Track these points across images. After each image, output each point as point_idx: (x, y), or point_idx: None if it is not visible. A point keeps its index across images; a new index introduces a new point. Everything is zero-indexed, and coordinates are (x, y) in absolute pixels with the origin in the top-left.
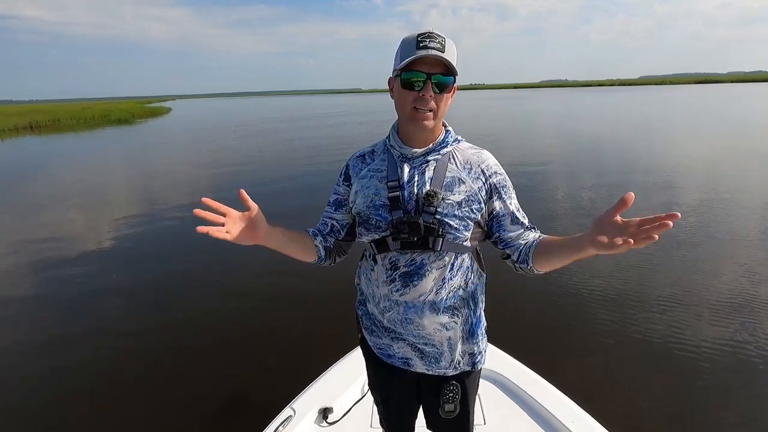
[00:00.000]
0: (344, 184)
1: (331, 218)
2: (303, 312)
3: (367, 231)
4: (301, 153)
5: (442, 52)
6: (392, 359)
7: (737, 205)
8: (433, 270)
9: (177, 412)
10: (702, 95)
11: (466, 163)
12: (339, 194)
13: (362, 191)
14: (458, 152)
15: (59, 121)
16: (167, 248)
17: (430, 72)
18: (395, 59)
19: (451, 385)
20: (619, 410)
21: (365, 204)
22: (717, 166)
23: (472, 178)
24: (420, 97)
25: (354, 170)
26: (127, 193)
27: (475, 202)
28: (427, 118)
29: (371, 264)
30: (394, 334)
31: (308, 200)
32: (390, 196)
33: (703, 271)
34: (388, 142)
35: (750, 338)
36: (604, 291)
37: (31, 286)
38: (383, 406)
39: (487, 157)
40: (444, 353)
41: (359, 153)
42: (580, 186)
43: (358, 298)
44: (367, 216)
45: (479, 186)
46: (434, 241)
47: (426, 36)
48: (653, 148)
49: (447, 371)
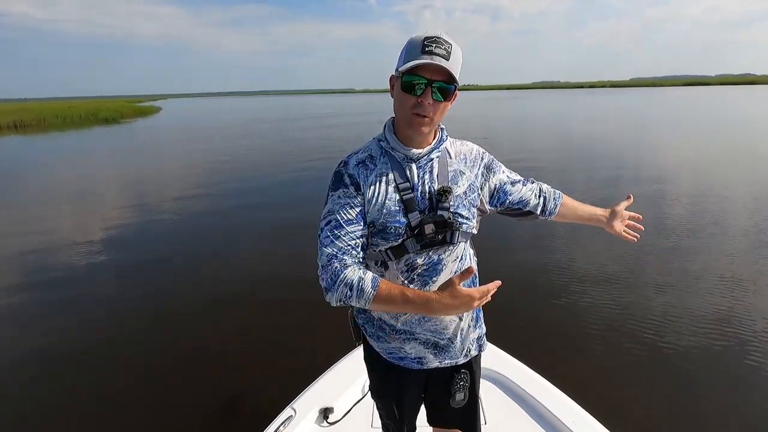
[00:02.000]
0: (358, 195)
1: (358, 237)
2: (303, 312)
3: (385, 240)
4: (291, 161)
5: (447, 60)
6: (405, 361)
7: (725, 206)
8: (449, 263)
9: (177, 412)
10: (692, 97)
11: (460, 155)
12: (359, 206)
13: (374, 198)
14: (449, 147)
15: (44, 120)
16: (167, 248)
17: (432, 78)
18: (400, 57)
19: (462, 374)
20: (619, 409)
21: (379, 212)
22: (703, 163)
23: (469, 167)
24: (419, 103)
25: (361, 178)
26: (110, 196)
27: (475, 189)
28: (424, 124)
29: (380, 271)
30: (406, 336)
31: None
32: (405, 198)
33: (703, 269)
34: (385, 145)
35: (749, 336)
36: (605, 290)
37: (32, 286)
38: (397, 410)
39: (472, 145)
40: (456, 343)
41: (356, 160)
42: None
43: (356, 308)
44: (383, 225)
45: (476, 173)
46: (452, 235)
47: (433, 41)
48: (645, 147)
49: (458, 360)
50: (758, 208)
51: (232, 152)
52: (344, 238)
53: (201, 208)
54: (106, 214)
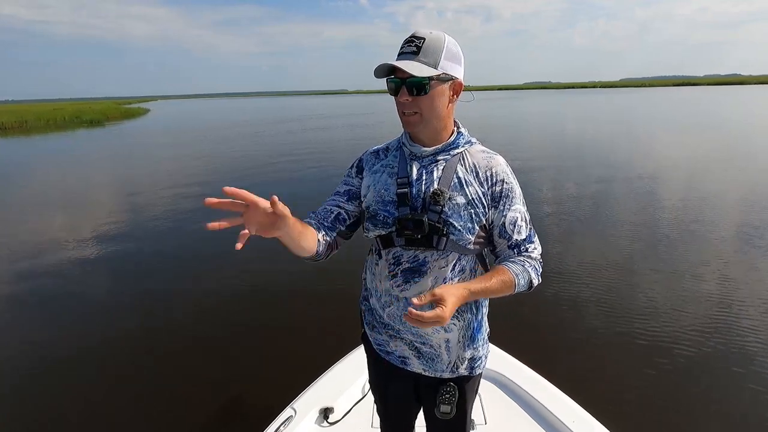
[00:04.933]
0: (357, 177)
1: (339, 206)
2: (304, 312)
3: (374, 226)
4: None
5: (417, 54)
6: (390, 356)
7: (715, 205)
8: (435, 269)
9: (178, 412)
10: (681, 98)
11: (475, 167)
12: (351, 185)
13: (373, 185)
14: (469, 155)
15: (26, 122)
16: (166, 249)
17: (404, 77)
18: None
19: (448, 387)
20: (619, 409)
21: (374, 198)
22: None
23: (479, 182)
24: (400, 102)
25: (367, 164)
26: (101, 200)
27: (480, 206)
28: (412, 121)
29: (376, 259)
30: (392, 331)
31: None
32: (399, 192)
33: (702, 268)
34: (402, 140)
35: (749, 333)
36: (605, 290)
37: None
38: (381, 404)
39: (497, 162)
40: (442, 355)
41: (374, 149)
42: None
43: (363, 293)
44: (375, 211)
45: (484, 191)
46: (438, 240)
47: (406, 41)
48: (632, 144)
49: (444, 374)
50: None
51: (214, 155)
52: (325, 205)
53: (198, 208)
54: (106, 214)
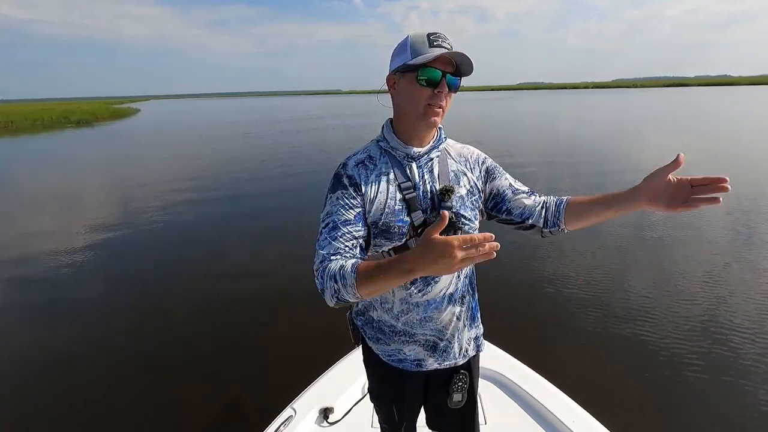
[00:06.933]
0: (359, 195)
1: (356, 238)
2: (304, 312)
3: (389, 240)
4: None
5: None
6: (404, 363)
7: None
8: None
9: (178, 413)
10: (672, 99)
11: (461, 156)
12: (358, 206)
13: (376, 199)
14: (449, 148)
15: (12, 122)
16: (166, 249)
17: (444, 70)
18: (398, 57)
19: (461, 374)
20: (618, 408)
21: (381, 211)
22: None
23: (470, 168)
24: (435, 94)
25: (361, 179)
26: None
27: (477, 191)
28: (437, 114)
29: None
30: (406, 337)
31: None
32: (407, 197)
33: (702, 267)
34: (384, 145)
35: (747, 333)
36: (605, 289)
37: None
38: (396, 413)
39: (473, 149)
40: (454, 343)
41: (356, 161)
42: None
43: (355, 309)
44: (386, 225)
45: (477, 175)
46: (454, 234)
47: (438, 36)
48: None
49: (457, 361)
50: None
51: (201, 156)
52: (341, 239)
53: (198, 208)
54: (100, 215)
